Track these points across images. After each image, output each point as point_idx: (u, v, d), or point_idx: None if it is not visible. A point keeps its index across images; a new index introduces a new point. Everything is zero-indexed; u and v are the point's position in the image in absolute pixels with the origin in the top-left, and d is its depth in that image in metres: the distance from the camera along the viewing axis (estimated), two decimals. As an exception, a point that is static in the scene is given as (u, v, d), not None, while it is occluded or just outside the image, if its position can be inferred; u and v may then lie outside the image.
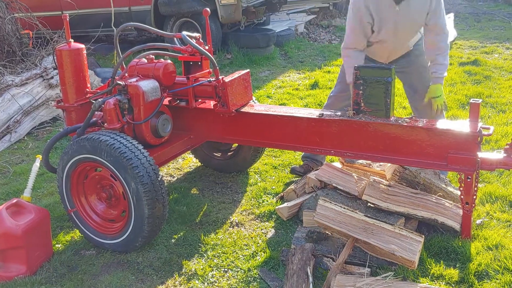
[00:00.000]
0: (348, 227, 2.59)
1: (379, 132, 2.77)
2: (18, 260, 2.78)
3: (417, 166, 2.98)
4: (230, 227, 3.17)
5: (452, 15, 8.67)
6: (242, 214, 3.32)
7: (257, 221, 3.23)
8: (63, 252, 3.00)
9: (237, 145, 3.78)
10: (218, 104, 3.10)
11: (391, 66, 2.72)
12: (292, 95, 5.66)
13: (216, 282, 2.68)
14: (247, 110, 3.15)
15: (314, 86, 5.96)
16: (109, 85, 3.20)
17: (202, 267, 2.79)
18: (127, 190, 2.74)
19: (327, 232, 2.79)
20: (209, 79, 3.15)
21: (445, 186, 3.04)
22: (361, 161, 3.27)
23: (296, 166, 3.71)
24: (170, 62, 3.22)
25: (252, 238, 3.04)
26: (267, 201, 3.45)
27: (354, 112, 2.83)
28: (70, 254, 2.97)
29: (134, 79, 3.06)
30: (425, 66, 3.22)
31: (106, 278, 2.75)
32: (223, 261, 2.84)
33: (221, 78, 3.07)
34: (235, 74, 3.16)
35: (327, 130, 2.91)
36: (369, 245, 2.54)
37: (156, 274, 2.77)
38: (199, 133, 3.37)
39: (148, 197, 2.72)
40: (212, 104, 3.22)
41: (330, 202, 2.72)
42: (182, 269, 2.80)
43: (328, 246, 2.73)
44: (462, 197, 2.66)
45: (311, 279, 2.45)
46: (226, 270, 2.77)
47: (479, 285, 2.45)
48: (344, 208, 2.68)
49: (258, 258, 2.82)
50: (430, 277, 2.52)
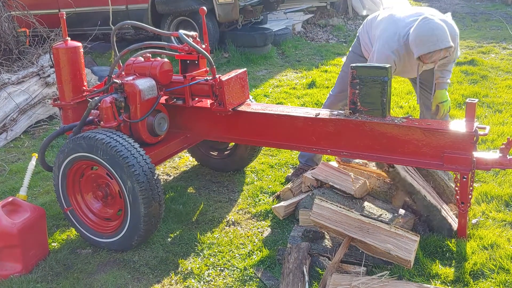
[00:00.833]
0: (344, 226, 2.59)
1: (376, 131, 2.78)
2: (14, 258, 2.77)
3: (413, 165, 2.98)
4: (226, 226, 3.17)
5: (449, 15, 8.68)
6: (238, 213, 3.32)
7: (253, 220, 3.23)
8: (59, 250, 3.00)
9: (233, 144, 3.78)
10: (215, 103, 3.10)
11: (387, 66, 2.72)
12: (289, 94, 5.66)
13: (212, 281, 2.68)
14: (244, 109, 3.14)
15: (311, 85, 5.97)
16: (105, 83, 3.20)
17: (198, 266, 2.79)
18: (123, 188, 2.74)
19: (323, 231, 2.79)
20: (206, 78, 3.15)
21: (447, 180, 3.09)
22: (357, 160, 3.28)
23: (289, 175, 3.70)
24: (167, 60, 3.21)
25: (248, 237, 3.04)
26: (264, 200, 3.45)
27: (351, 111, 2.83)
28: (66, 253, 2.96)
29: (131, 78, 3.05)
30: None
31: (102, 277, 2.75)
32: (219, 260, 2.84)
33: (218, 77, 3.07)
34: (232, 73, 3.15)
35: (324, 129, 2.91)
36: (365, 244, 2.54)
37: (152, 273, 2.77)
38: (196, 132, 3.37)
39: (144, 195, 2.72)
40: (209, 103, 3.21)
41: (327, 201, 2.73)
42: (178, 268, 2.80)
43: (324, 245, 2.74)
44: (458, 196, 2.67)
45: (307, 278, 2.46)
46: (222, 269, 2.77)
47: (475, 284, 2.46)
48: (340, 207, 2.69)
49: (254, 257, 2.83)
50: (425, 276, 2.53)
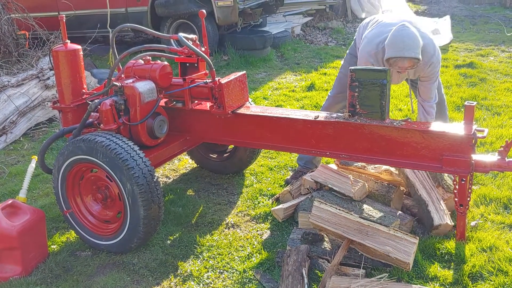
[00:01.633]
0: (343, 229, 2.60)
1: (375, 134, 2.78)
2: (13, 261, 2.78)
3: (412, 168, 3.00)
4: (225, 229, 3.18)
5: (448, 18, 8.70)
6: (237, 215, 3.32)
7: (252, 222, 3.23)
8: (59, 253, 3.00)
9: (233, 146, 3.78)
10: (214, 105, 3.11)
11: (386, 69, 2.73)
12: (288, 97, 5.67)
13: (211, 284, 2.68)
14: (243, 111, 3.15)
15: (311, 88, 5.98)
16: (105, 86, 3.20)
17: (197, 269, 2.79)
18: (123, 191, 2.75)
19: (323, 233, 2.79)
20: (205, 81, 3.16)
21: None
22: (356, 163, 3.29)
23: (288, 178, 3.71)
24: (166, 63, 3.22)
25: (247, 239, 3.04)
26: (263, 202, 3.45)
27: (350, 114, 2.84)
28: (65, 255, 2.96)
29: (131, 80, 3.06)
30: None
31: (101, 279, 2.75)
32: (219, 262, 2.84)
33: (217, 79, 3.08)
34: (232, 76, 3.16)
35: (323, 132, 2.92)
36: (364, 246, 2.54)
37: (151, 275, 2.77)
38: (195, 134, 3.38)
39: (143, 198, 2.72)
40: (208, 105, 3.22)
41: (326, 204, 2.73)
42: (178, 270, 2.80)
43: (323, 247, 2.74)
44: (456, 199, 2.68)
45: (306, 281, 2.46)
46: (222, 271, 2.77)
47: (473, 286, 2.47)
48: (339, 209, 2.69)
49: (254, 259, 2.83)
50: (424, 278, 2.54)
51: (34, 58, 5.81)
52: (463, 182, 2.63)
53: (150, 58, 3.24)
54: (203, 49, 3.26)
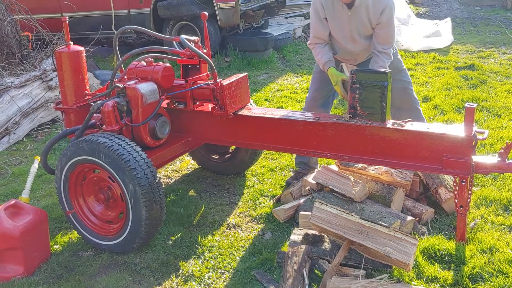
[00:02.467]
0: (343, 230, 2.61)
1: (375, 135, 2.80)
2: (16, 261, 2.79)
3: (412, 169, 3.01)
4: (227, 229, 3.19)
5: (449, 20, 8.71)
6: (239, 216, 3.34)
7: (254, 223, 3.25)
8: (61, 253, 3.02)
9: (234, 147, 3.80)
10: (216, 107, 3.12)
11: (387, 71, 2.75)
12: (289, 98, 5.69)
13: (212, 284, 2.69)
14: (245, 113, 3.17)
15: (312, 89, 5.98)
16: (108, 87, 3.23)
17: (199, 269, 2.81)
18: (125, 191, 2.76)
19: (323, 234, 2.81)
20: (207, 82, 3.18)
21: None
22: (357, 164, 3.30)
23: (289, 179, 3.72)
24: (168, 65, 3.24)
25: (248, 240, 3.06)
26: (264, 203, 3.47)
27: (351, 115, 2.85)
28: (67, 255, 2.98)
29: (133, 82, 3.08)
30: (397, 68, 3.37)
31: (103, 279, 2.77)
32: (220, 262, 2.86)
33: (219, 81, 3.10)
34: (233, 77, 3.18)
35: (324, 134, 2.93)
36: (364, 247, 2.55)
37: (153, 275, 2.78)
38: (197, 135, 3.39)
39: (145, 198, 2.74)
40: (210, 107, 3.24)
41: (326, 205, 2.74)
42: (179, 270, 2.82)
43: (324, 248, 2.75)
44: (457, 200, 2.69)
45: (307, 281, 2.47)
46: (223, 271, 2.78)
47: (473, 287, 2.48)
48: (340, 210, 2.70)
49: (255, 260, 2.84)
50: (424, 279, 2.55)
51: (37, 59, 5.84)
52: (464, 183, 2.65)
53: (152, 59, 3.27)
54: (205, 50, 3.28)
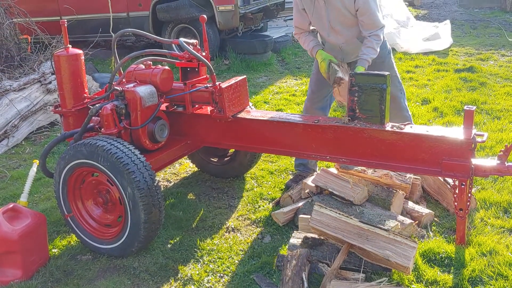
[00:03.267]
0: (343, 233, 2.60)
1: (374, 138, 2.79)
2: (14, 264, 2.78)
3: (411, 172, 3.01)
4: (226, 232, 3.19)
5: (448, 22, 8.72)
6: (238, 219, 3.33)
7: (253, 226, 3.24)
8: (59, 256, 3.01)
9: (233, 150, 3.79)
10: (215, 109, 3.12)
11: (386, 73, 2.75)
12: (289, 101, 5.69)
13: None
14: (244, 115, 3.17)
15: (311, 92, 5.98)
16: (106, 90, 3.22)
17: (197, 272, 2.80)
18: (124, 195, 2.76)
19: (323, 237, 2.80)
20: (206, 85, 3.18)
21: None
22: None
23: (288, 182, 3.71)
24: (167, 68, 3.24)
25: (248, 243, 3.05)
26: (263, 206, 3.46)
27: (350, 118, 2.85)
28: (66, 259, 2.97)
29: (132, 85, 3.08)
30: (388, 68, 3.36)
31: (102, 283, 2.76)
32: (219, 266, 2.85)
33: (218, 84, 3.09)
34: (232, 80, 3.18)
35: (323, 136, 2.93)
36: (364, 250, 2.55)
37: (152, 279, 2.78)
38: (196, 138, 3.39)
39: (144, 202, 2.73)
40: (209, 109, 3.24)
41: (326, 208, 2.74)
42: (178, 274, 2.81)
43: (323, 251, 2.75)
44: (456, 203, 2.68)
45: (306, 285, 2.47)
46: (222, 275, 2.78)
47: (473, 290, 2.47)
48: (339, 213, 2.70)
49: (254, 263, 2.83)
50: (424, 282, 2.54)
51: (36, 62, 5.83)
52: (463, 186, 2.64)
53: (151, 62, 3.26)
54: (204, 53, 3.27)
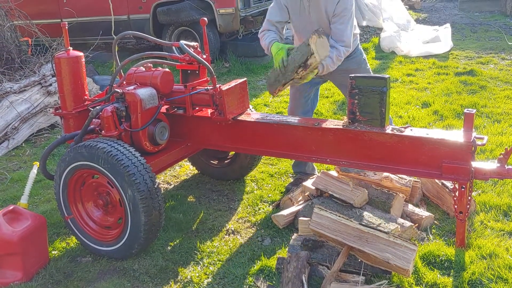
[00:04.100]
0: (343, 235, 2.60)
1: (374, 141, 2.80)
2: (14, 266, 2.79)
3: (411, 175, 3.01)
4: (226, 235, 3.19)
5: (448, 25, 8.73)
6: (238, 222, 3.33)
7: (253, 229, 3.24)
8: (59, 258, 3.01)
9: (234, 153, 3.80)
10: (215, 112, 3.12)
11: (386, 76, 2.75)
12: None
13: (211, 290, 2.69)
14: (244, 118, 3.17)
15: (311, 95, 5.99)
16: (107, 92, 3.23)
17: (197, 275, 2.80)
18: (124, 197, 2.76)
19: (323, 240, 2.80)
20: (206, 88, 3.18)
21: None
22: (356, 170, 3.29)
23: (288, 185, 3.71)
24: (168, 70, 3.25)
25: (248, 246, 3.05)
26: (263, 209, 3.46)
27: (350, 121, 2.85)
28: (66, 261, 2.97)
29: (132, 87, 3.08)
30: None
31: (102, 285, 2.75)
32: (219, 268, 2.85)
33: (218, 86, 3.10)
34: (232, 83, 3.19)
35: (323, 139, 2.93)
36: (363, 253, 2.55)
37: (152, 281, 2.77)
38: (196, 141, 3.39)
39: (144, 204, 2.73)
40: (209, 112, 3.24)
41: (326, 210, 2.74)
42: (178, 276, 2.80)
43: (323, 254, 2.75)
44: (456, 206, 2.68)
45: (306, 287, 2.46)
46: (222, 277, 2.77)
47: (473, 293, 2.47)
48: (339, 216, 2.70)
49: (254, 266, 2.83)
50: (424, 285, 2.54)
51: (37, 64, 5.85)
52: (463, 189, 2.64)
53: (152, 65, 3.27)
54: (204, 56, 3.28)
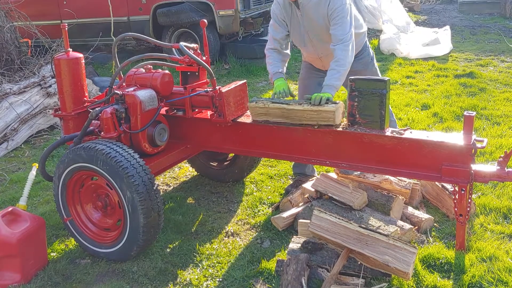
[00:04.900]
0: (342, 238, 2.60)
1: (374, 143, 2.79)
2: (13, 268, 2.78)
3: (411, 177, 3.00)
4: (225, 237, 3.18)
5: (448, 28, 8.74)
6: (237, 224, 3.33)
7: (252, 231, 3.23)
8: (58, 260, 3.00)
9: (233, 154, 3.79)
10: (215, 114, 3.12)
11: (386, 79, 2.75)
12: (289, 106, 5.68)
13: (210, 292, 2.68)
14: (244, 120, 3.17)
15: (311, 97, 5.99)
16: (106, 94, 3.22)
17: (197, 277, 2.79)
18: (123, 199, 2.75)
19: (322, 242, 2.79)
20: (206, 89, 3.18)
21: None
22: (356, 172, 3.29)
23: (288, 187, 3.71)
24: (167, 72, 3.25)
25: (247, 248, 3.04)
26: (263, 211, 3.45)
27: (349, 123, 2.85)
28: (65, 263, 2.96)
29: (132, 89, 3.08)
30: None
31: (100, 287, 2.75)
32: (218, 271, 2.84)
33: (218, 88, 3.10)
34: (232, 85, 3.18)
35: (323, 141, 2.93)
36: (363, 256, 2.54)
37: (151, 283, 2.77)
38: (196, 142, 3.39)
39: (143, 206, 2.72)
40: (209, 114, 3.24)
41: (325, 213, 2.73)
42: (177, 278, 2.80)
43: (323, 256, 2.74)
44: (456, 209, 2.68)
45: (306, 290, 2.46)
46: (221, 280, 2.77)
47: (473, 296, 2.46)
48: (339, 218, 2.69)
49: (253, 268, 2.82)
50: (424, 288, 2.53)
51: (36, 66, 5.85)
52: (463, 192, 2.64)
53: (151, 66, 3.27)
54: (204, 58, 3.28)
